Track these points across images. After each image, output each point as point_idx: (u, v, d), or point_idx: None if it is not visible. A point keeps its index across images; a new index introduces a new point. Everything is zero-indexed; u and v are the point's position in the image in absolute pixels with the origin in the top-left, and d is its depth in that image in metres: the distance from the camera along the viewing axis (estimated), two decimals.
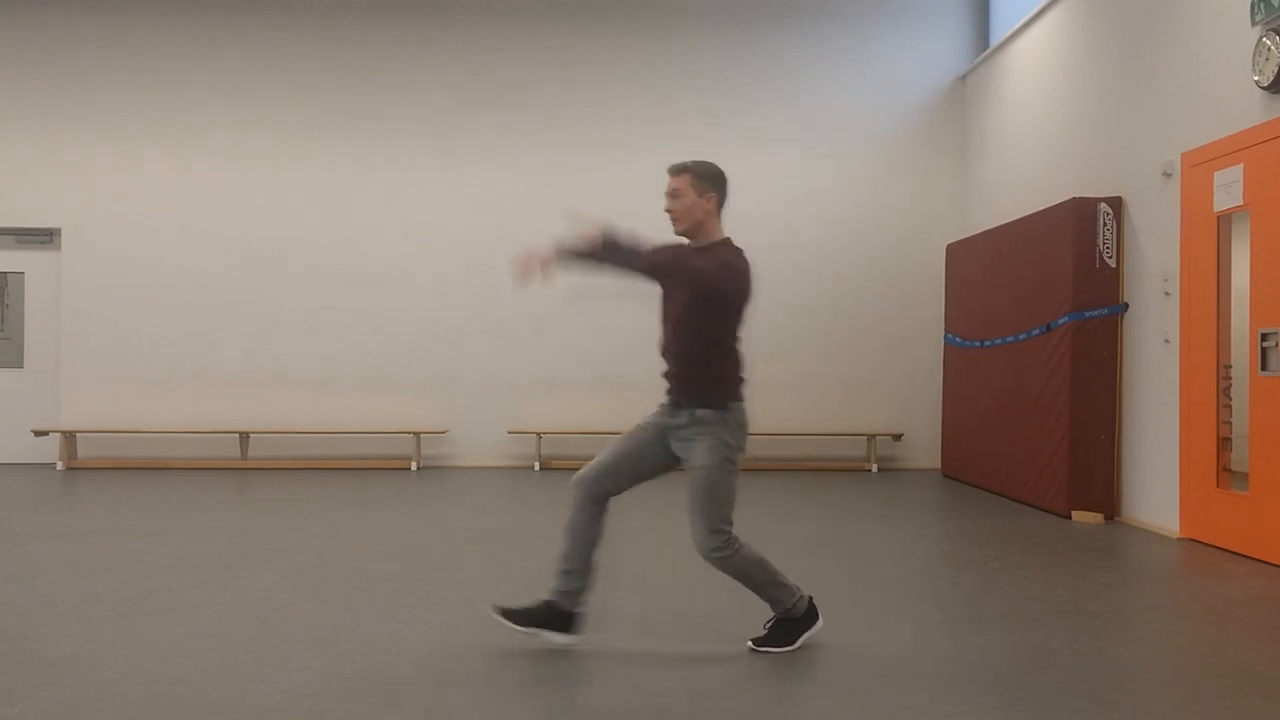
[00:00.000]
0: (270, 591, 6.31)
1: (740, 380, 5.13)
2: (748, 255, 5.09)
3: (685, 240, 5.13)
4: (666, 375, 5.12)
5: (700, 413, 4.99)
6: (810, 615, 5.19)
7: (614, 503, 5.12)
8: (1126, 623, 5.75)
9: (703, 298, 4.95)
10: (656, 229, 5.24)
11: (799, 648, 5.09)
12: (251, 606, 5.92)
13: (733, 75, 13.82)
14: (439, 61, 13.72)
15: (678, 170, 5.07)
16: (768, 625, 5.16)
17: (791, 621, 5.14)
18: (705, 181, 5.06)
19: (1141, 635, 5.51)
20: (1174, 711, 4.25)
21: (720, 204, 5.12)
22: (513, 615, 5.06)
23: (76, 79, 13.62)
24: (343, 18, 13.72)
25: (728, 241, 5.12)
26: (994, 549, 7.98)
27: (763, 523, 9.21)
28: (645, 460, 5.11)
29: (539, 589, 5.42)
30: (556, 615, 5.04)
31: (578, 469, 5.02)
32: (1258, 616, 5.88)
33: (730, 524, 5.01)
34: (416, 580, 6.66)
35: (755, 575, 5.06)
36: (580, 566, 5.04)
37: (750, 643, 5.10)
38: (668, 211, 5.07)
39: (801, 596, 5.17)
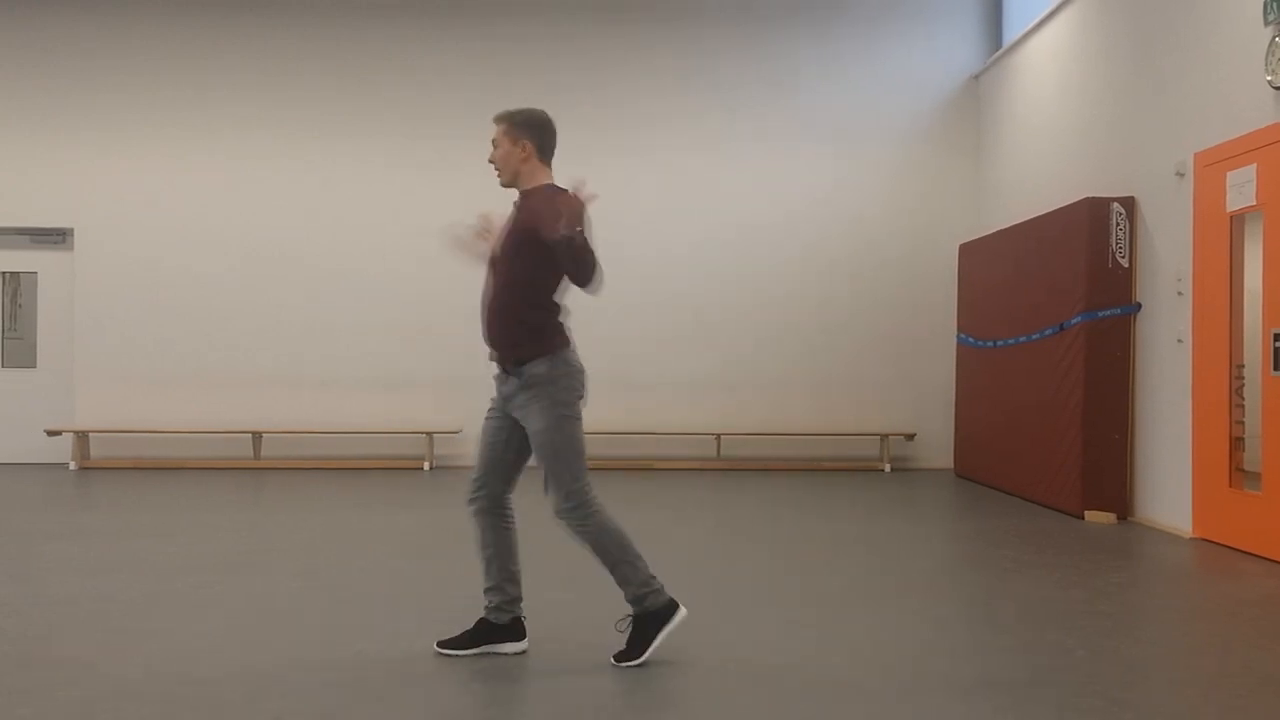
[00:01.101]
0: (284, 591, 6.33)
1: (560, 327, 4.92)
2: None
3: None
4: (489, 343, 4.94)
5: (528, 374, 4.82)
6: (669, 608, 4.89)
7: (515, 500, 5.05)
8: (1140, 622, 5.75)
9: (530, 244, 4.81)
10: (656, 226, 5.22)
11: (652, 653, 4.83)
12: (265, 606, 5.94)
13: (744, 74, 13.81)
14: (442, 61, 13.72)
15: (497, 119, 5.01)
16: (624, 628, 4.91)
17: (649, 616, 4.85)
18: (520, 129, 4.96)
19: (1155, 635, 5.50)
20: (1189, 711, 4.24)
21: (539, 150, 4.99)
22: (453, 643, 4.97)
23: (89, 80, 13.66)
24: (345, 18, 13.73)
25: (548, 185, 4.98)
26: (1007, 549, 7.98)
27: (776, 523, 9.22)
28: (508, 446, 4.95)
29: (540, 589, 5.42)
30: (496, 629, 4.98)
31: (590, 468, 4.97)
32: (1271, 616, 5.87)
33: (581, 479, 4.81)
34: (430, 580, 6.67)
35: (609, 548, 4.83)
36: (501, 580, 4.96)
37: (612, 658, 4.84)
38: (490, 162, 5.05)
39: (658, 588, 4.88)
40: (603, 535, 4.83)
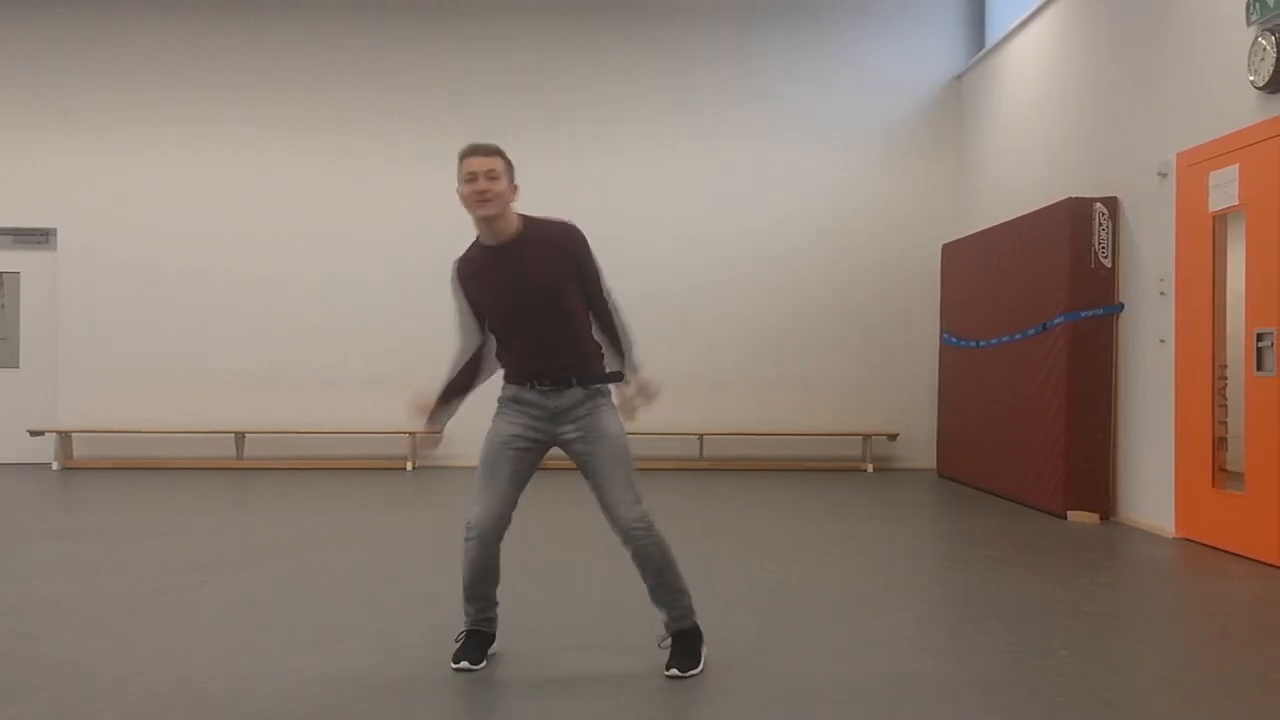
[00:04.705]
0: (270, 592, 6.31)
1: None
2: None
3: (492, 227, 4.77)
4: (549, 366, 4.83)
5: (594, 386, 4.88)
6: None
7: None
8: (1126, 623, 5.77)
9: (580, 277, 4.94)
10: (642, 223, 5.18)
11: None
12: (252, 607, 5.92)
13: (727, 76, 13.81)
14: (439, 62, 13.70)
15: (493, 151, 4.71)
16: (667, 645, 4.77)
17: (695, 630, 4.81)
18: (511, 169, 4.77)
19: (1141, 636, 5.52)
20: (1176, 712, 4.26)
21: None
22: (470, 657, 4.77)
23: (72, 80, 13.59)
24: (342, 17, 13.70)
25: (531, 216, 4.86)
26: (991, 549, 8.00)
27: (759, 523, 9.23)
28: (526, 476, 4.98)
29: (524, 591, 5.41)
30: (490, 639, 4.91)
31: (571, 469, 4.93)
32: (1257, 617, 5.90)
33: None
34: (415, 580, 6.67)
35: (671, 560, 4.75)
36: (493, 598, 4.94)
37: (675, 670, 4.66)
38: (482, 192, 4.62)
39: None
40: (666, 546, 4.73)
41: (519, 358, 4.80)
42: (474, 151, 4.70)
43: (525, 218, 4.82)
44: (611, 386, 4.90)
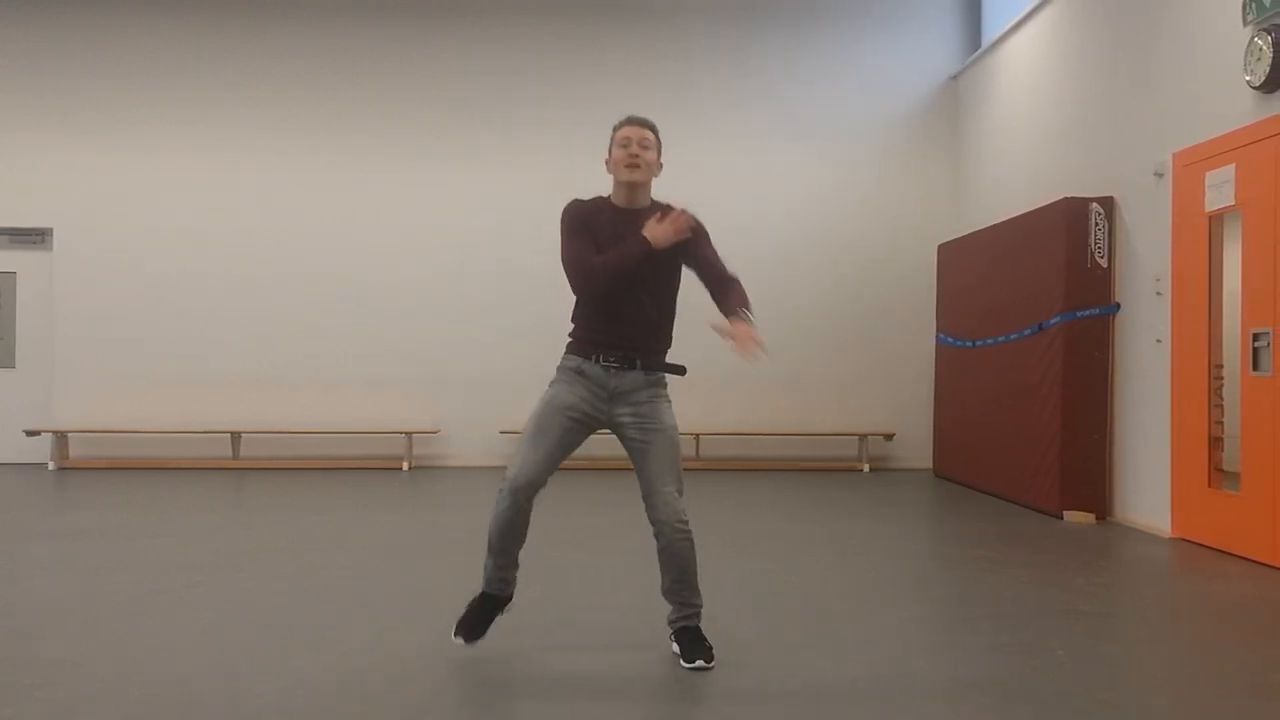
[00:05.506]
0: (268, 592, 6.31)
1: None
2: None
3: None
4: (634, 342, 5.11)
5: (659, 374, 5.24)
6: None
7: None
8: (1121, 623, 5.78)
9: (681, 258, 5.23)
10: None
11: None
12: (249, 607, 5.92)
13: (723, 76, 13.82)
14: (439, 62, 13.70)
15: (648, 124, 5.06)
16: (673, 640, 4.88)
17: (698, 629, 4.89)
18: (660, 145, 5.12)
19: (1137, 635, 5.53)
20: (1174, 712, 4.27)
21: None
22: (474, 630, 4.92)
23: (71, 79, 13.59)
24: (342, 17, 13.70)
25: (656, 200, 5.20)
26: (987, 549, 8.00)
27: (755, 523, 9.23)
28: (573, 446, 5.00)
29: (531, 586, 5.39)
30: (503, 601, 5.02)
31: (570, 469, 4.95)
32: (1253, 617, 5.90)
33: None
34: (412, 581, 6.67)
35: (694, 557, 4.91)
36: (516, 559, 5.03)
37: (700, 661, 4.71)
38: (634, 156, 4.97)
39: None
40: (694, 546, 4.90)
41: (603, 320, 4.96)
42: (630, 121, 5.07)
43: (653, 199, 5.14)
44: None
